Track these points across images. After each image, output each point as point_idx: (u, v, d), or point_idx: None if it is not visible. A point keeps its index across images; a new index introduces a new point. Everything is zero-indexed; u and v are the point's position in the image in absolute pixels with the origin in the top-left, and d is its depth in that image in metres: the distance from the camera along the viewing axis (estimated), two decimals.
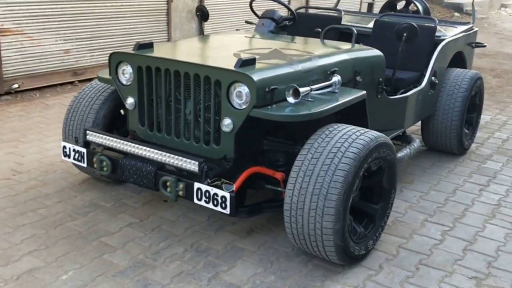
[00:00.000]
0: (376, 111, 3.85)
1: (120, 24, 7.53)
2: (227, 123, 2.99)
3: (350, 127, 3.03)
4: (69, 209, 3.64)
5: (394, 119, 4.07)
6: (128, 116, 3.47)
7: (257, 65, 3.06)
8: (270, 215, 3.56)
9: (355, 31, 3.91)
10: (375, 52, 3.80)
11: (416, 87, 4.35)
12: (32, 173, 4.21)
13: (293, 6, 6.10)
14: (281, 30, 5.12)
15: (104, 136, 3.23)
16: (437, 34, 4.70)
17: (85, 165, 3.32)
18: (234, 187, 2.83)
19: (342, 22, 5.11)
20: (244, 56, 3.22)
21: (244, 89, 2.92)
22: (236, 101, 2.97)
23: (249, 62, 3.02)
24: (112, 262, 3.03)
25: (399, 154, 4.03)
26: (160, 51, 3.39)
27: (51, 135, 5.08)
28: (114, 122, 3.85)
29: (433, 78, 4.48)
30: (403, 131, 4.26)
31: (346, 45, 3.86)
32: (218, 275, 2.95)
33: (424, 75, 4.45)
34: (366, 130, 3.02)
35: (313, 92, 3.17)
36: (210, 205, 2.83)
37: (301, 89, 2.96)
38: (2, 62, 6.18)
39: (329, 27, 4.06)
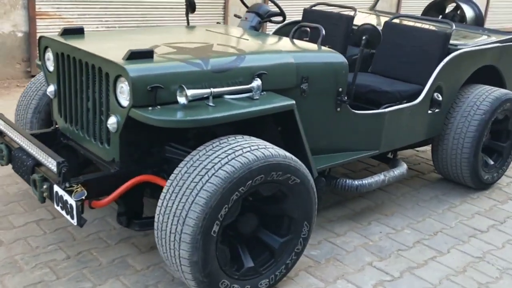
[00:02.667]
0: (334, 126, 3.25)
1: (170, 15, 7.43)
2: (111, 122, 2.64)
3: (245, 140, 2.52)
4: None
5: (364, 138, 3.41)
6: (51, 105, 3.27)
7: (155, 59, 2.66)
8: None
9: (323, 31, 3.34)
10: (336, 56, 3.19)
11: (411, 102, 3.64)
12: None
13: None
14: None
15: (4, 124, 3.04)
16: (453, 42, 3.91)
17: None
18: (85, 194, 2.47)
19: (357, 22, 4.48)
20: (161, 49, 2.86)
21: (126, 84, 2.55)
22: (120, 98, 2.61)
23: (143, 55, 2.63)
24: None
25: (366, 180, 3.39)
26: (79, 38, 3.11)
27: None
28: None
29: (435, 94, 3.72)
30: (378, 153, 3.55)
31: (308, 46, 3.30)
32: None
33: None
34: (262, 146, 2.50)
35: (227, 96, 2.73)
36: (64, 213, 2.51)
37: (192, 91, 2.53)
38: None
39: (298, 25, 3.52)
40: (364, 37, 3.07)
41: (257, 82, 2.76)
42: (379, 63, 4.10)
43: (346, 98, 3.19)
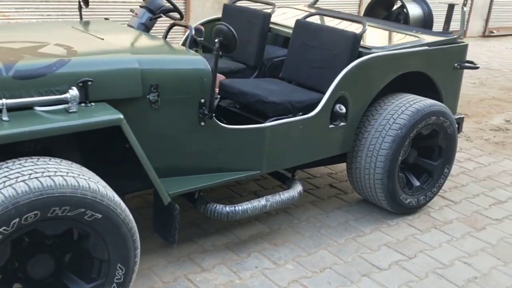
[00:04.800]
0: (199, 143, 2.76)
1: (123, 10, 6.97)
2: None
3: (34, 165, 2.05)
4: None
5: (240, 156, 2.91)
6: None
7: None
8: None
9: (193, 31, 2.86)
10: (196, 62, 2.68)
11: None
12: None
13: None
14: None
15: None
16: (368, 45, 3.38)
17: None
18: None
19: (277, 20, 3.99)
20: None
21: None
22: None
23: None
24: None
25: (240, 207, 2.91)
26: None
27: None
28: None
29: (337, 105, 3.20)
30: (260, 173, 3.03)
31: (171, 49, 2.83)
32: None
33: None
34: (50, 173, 2.02)
35: (39, 109, 2.27)
36: None
37: None
38: None
39: (171, 24, 3.05)
40: (217, 39, 2.56)
41: (72, 92, 2.28)
42: (288, 67, 3.59)
43: (208, 111, 2.70)
